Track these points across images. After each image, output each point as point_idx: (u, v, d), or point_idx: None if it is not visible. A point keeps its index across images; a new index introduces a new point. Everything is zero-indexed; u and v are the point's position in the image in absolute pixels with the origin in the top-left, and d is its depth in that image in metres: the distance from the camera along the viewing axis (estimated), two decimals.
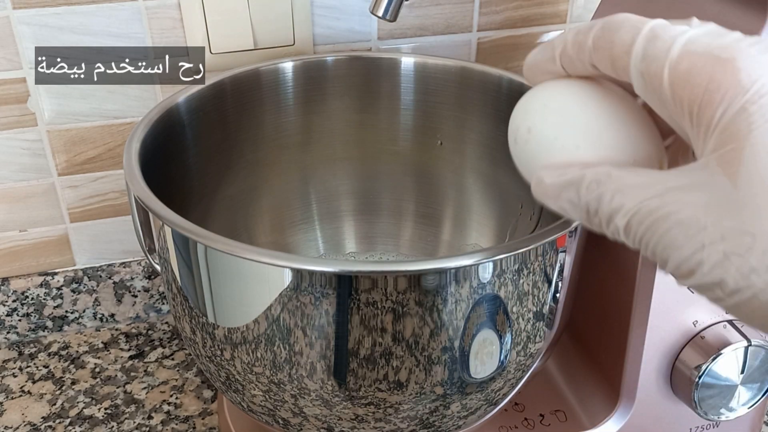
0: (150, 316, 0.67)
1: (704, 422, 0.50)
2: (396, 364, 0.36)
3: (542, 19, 0.65)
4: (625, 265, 0.45)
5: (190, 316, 0.40)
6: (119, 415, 0.57)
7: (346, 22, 0.60)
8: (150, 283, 0.66)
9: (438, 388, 0.37)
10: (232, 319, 0.37)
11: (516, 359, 0.39)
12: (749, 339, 0.44)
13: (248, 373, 0.38)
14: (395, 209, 0.59)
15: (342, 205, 0.59)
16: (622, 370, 0.47)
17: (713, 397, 0.46)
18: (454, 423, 0.40)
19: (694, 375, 0.45)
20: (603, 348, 0.50)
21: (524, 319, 0.38)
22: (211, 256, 0.36)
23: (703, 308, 0.45)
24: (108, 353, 0.63)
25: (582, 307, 0.45)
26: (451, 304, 0.35)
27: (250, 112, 0.53)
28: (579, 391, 0.52)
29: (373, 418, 0.38)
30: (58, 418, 0.57)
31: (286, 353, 0.36)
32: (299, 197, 0.58)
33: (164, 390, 0.59)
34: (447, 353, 0.36)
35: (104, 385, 0.60)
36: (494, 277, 0.35)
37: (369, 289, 0.33)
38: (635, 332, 0.46)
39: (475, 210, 0.57)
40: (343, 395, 0.37)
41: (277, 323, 0.35)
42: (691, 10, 0.43)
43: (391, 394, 0.37)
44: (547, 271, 0.37)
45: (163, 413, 0.57)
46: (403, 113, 0.56)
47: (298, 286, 0.34)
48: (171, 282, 0.40)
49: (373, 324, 0.34)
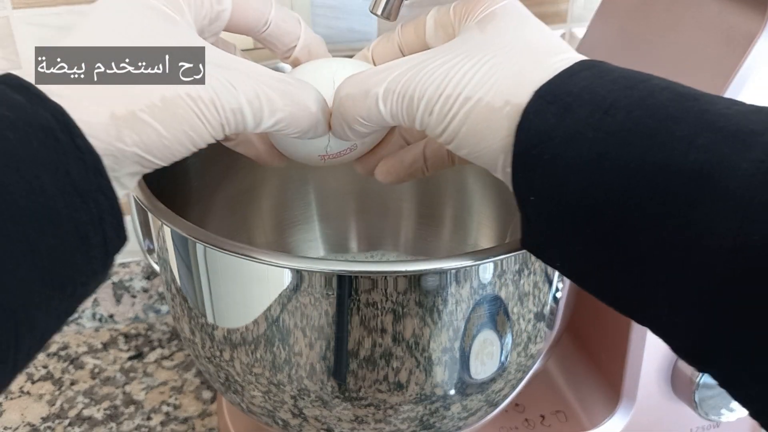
0: (149, 316, 0.67)
1: (705, 423, 0.50)
2: (396, 365, 0.36)
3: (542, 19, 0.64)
4: None
5: (189, 317, 0.40)
6: (118, 415, 0.57)
7: (346, 21, 0.60)
8: (149, 284, 0.66)
9: (438, 389, 0.37)
10: (231, 320, 0.37)
11: (516, 360, 0.39)
12: None
13: (248, 373, 0.38)
14: (395, 209, 0.59)
15: (342, 205, 0.59)
16: (623, 370, 0.47)
17: (714, 397, 0.46)
18: (455, 424, 0.40)
19: (694, 375, 0.45)
20: (603, 348, 0.50)
21: (525, 319, 0.38)
22: (210, 257, 0.36)
23: None
24: (107, 354, 0.63)
25: (582, 307, 0.45)
26: (452, 304, 0.34)
27: None
28: (579, 391, 0.52)
29: (373, 419, 0.38)
30: (58, 418, 0.57)
31: (286, 354, 0.36)
32: (299, 197, 0.58)
33: (163, 391, 0.59)
34: (447, 354, 0.36)
35: (103, 386, 0.60)
36: (495, 277, 0.35)
37: (369, 289, 0.33)
38: (636, 333, 0.46)
39: (475, 210, 0.57)
40: (343, 396, 0.37)
41: (277, 324, 0.35)
42: (691, 10, 0.43)
43: (391, 395, 0.37)
44: (548, 271, 0.37)
45: (163, 414, 0.57)
46: None
47: (298, 286, 0.34)
48: (170, 282, 0.40)
49: (373, 325, 0.34)
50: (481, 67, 0.28)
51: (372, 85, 0.30)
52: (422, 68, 0.29)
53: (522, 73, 0.28)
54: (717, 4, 0.41)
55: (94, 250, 0.25)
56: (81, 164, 0.24)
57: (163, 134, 0.26)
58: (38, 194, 0.22)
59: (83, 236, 0.24)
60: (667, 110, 0.25)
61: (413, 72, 0.29)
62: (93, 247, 0.25)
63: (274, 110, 0.29)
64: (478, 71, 0.28)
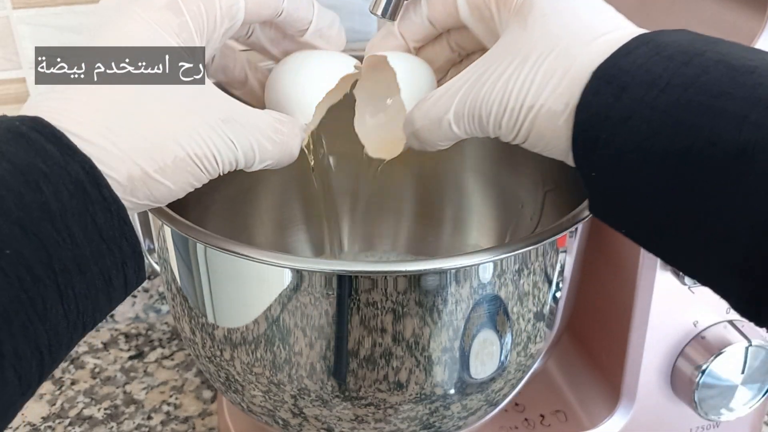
0: (149, 316, 0.67)
1: (704, 422, 0.50)
2: (396, 365, 0.36)
3: None
4: (626, 265, 0.45)
5: (189, 317, 0.40)
6: (119, 415, 0.57)
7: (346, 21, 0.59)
8: (149, 284, 0.66)
9: (438, 389, 0.37)
10: (231, 320, 0.37)
11: (516, 360, 0.39)
12: (749, 339, 0.44)
13: (248, 373, 0.38)
14: (395, 209, 0.59)
15: (342, 205, 0.59)
16: (623, 370, 0.47)
17: (714, 397, 0.46)
18: (455, 423, 0.40)
19: (694, 375, 0.45)
20: (603, 348, 0.50)
21: (524, 319, 0.38)
22: (210, 256, 0.36)
23: (703, 308, 0.45)
24: (107, 353, 0.63)
25: (582, 307, 0.45)
26: (452, 304, 0.34)
27: None
28: (579, 391, 0.52)
29: (373, 419, 0.38)
30: (58, 418, 0.57)
31: (286, 354, 0.36)
32: (299, 197, 0.58)
33: (164, 390, 0.59)
34: (447, 354, 0.36)
35: (104, 386, 0.60)
36: (494, 277, 0.35)
37: (369, 289, 0.33)
38: (636, 332, 0.46)
39: (475, 210, 0.57)
40: (343, 396, 0.37)
41: (277, 323, 0.35)
42: (691, 10, 0.43)
43: (391, 395, 0.37)
44: (548, 271, 0.37)
45: (163, 414, 0.57)
46: None
47: (298, 286, 0.34)
48: (170, 282, 0.40)
49: (373, 324, 0.34)
50: (536, 74, 0.29)
51: (442, 112, 0.32)
52: (482, 84, 0.30)
53: (576, 68, 0.28)
54: (717, 4, 0.41)
55: (115, 291, 0.27)
56: (107, 213, 0.26)
57: (171, 188, 0.29)
58: (69, 243, 0.24)
59: (107, 279, 0.26)
60: (721, 86, 0.25)
61: (475, 90, 0.31)
62: (115, 289, 0.27)
63: (264, 159, 0.32)
64: (534, 78, 0.29)
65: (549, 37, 0.29)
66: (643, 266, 0.43)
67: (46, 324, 0.24)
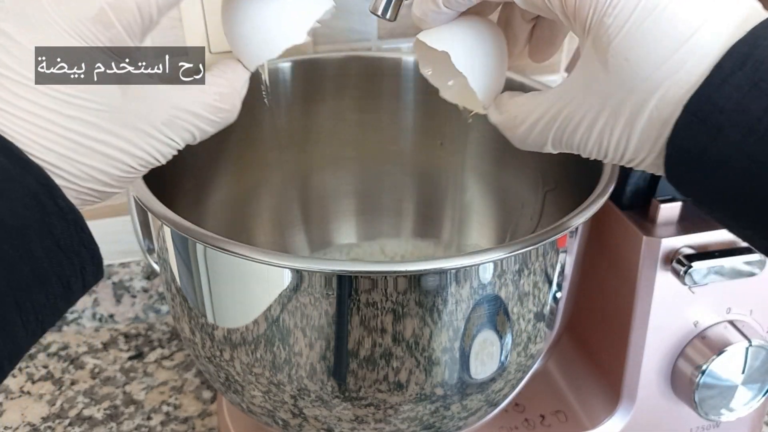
0: (149, 316, 0.67)
1: (705, 422, 0.50)
2: (396, 365, 0.36)
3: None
4: (626, 265, 0.45)
5: (189, 317, 0.40)
6: (118, 415, 0.57)
7: (346, 21, 0.60)
8: (149, 284, 0.66)
9: (438, 389, 0.37)
10: (231, 320, 0.37)
11: (516, 360, 0.39)
12: (750, 339, 0.44)
13: (248, 373, 0.38)
14: (395, 209, 0.59)
15: (342, 205, 0.59)
16: (623, 370, 0.47)
17: (714, 397, 0.46)
18: (455, 424, 0.40)
19: (694, 375, 0.45)
20: (604, 348, 0.50)
21: (525, 319, 0.38)
22: (210, 257, 0.36)
23: (703, 309, 0.45)
24: (107, 354, 0.63)
25: (582, 307, 0.45)
26: (452, 304, 0.34)
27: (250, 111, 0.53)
28: (579, 391, 0.52)
29: (373, 419, 0.38)
30: (58, 418, 0.57)
31: (286, 354, 0.36)
32: (299, 197, 0.58)
33: (163, 391, 0.59)
34: (447, 354, 0.36)
35: (103, 386, 0.60)
36: (495, 277, 0.35)
37: (369, 289, 0.33)
38: (636, 333, 0.46)
39: (475, 210, 0.57)
40: (343, 396, 0.37)
41: (277, 324, 0.35)
42: None
43: (391, 395, 0.37)
44: (548, 271, 0.37)
45: (163, 414, 0.57)
46: (403, 113, 0.56)
47: (297, 286, 0.34)
48: (170, 282, 0.40)
49: (373, 324, 0.34)
50: (630, 133, 0.27)
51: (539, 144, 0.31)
52: (575, 127, 0.29)
53: (666, 108, 0.26)
54: None
55: (74, 294, 0.27)
56: (64, 223, 0.26)
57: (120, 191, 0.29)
58: (27, 259, 0.24)
59: (66, 285, 0.26)
60: None
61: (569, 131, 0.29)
62: (74, 292, 0.27)
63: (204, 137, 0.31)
64: (630, 136, 0.28)
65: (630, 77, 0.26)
66: (643, 266, 0.43)
67: (4, 336, 0.24)
